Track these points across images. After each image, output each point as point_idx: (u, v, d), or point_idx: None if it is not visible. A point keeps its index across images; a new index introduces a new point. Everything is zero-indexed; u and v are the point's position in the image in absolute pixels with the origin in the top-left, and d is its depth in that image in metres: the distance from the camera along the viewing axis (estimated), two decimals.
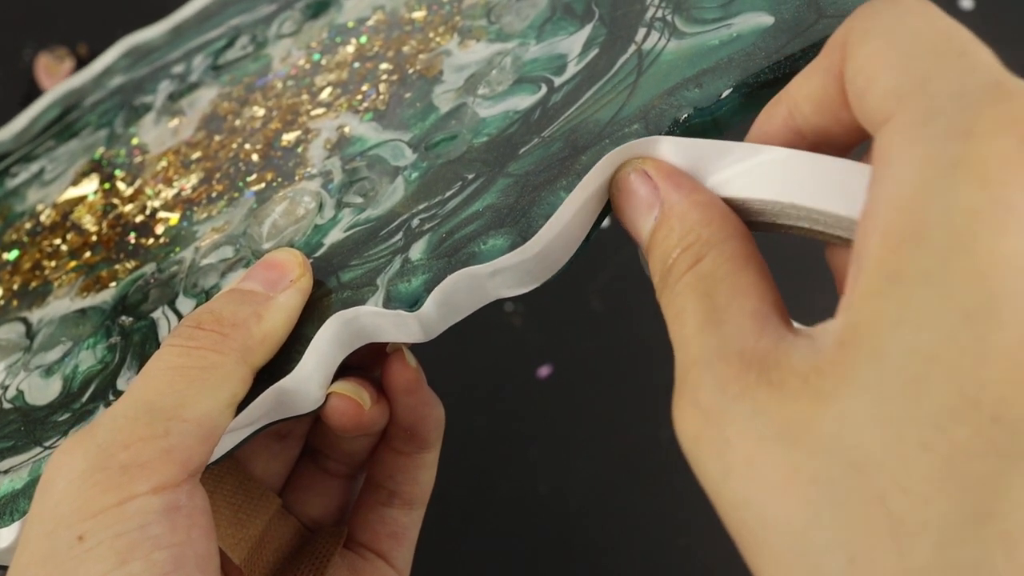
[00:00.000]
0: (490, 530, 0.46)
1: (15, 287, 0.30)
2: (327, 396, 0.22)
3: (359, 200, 0.25)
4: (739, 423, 0.15)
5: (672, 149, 0.20)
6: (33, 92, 0.48)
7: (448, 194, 0.23)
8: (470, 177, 0.23)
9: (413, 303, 0.21)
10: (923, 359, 0.13)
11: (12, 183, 0.34)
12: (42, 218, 0.32)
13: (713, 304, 0.17)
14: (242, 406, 0.21)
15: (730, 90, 0.21)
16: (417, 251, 0.22)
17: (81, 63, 0.48)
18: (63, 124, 0.36)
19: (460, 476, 0.46)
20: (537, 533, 0.46)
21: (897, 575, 0.13)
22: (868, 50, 0.16)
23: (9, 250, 0.32)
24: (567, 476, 0.47)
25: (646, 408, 0.48)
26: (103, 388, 0.24)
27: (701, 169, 0.20)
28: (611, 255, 0.50)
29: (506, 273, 0.21)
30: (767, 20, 0.22)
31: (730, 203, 0.19)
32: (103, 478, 0.18)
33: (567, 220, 0.21)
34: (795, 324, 0.17)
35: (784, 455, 0.14)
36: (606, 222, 0.22)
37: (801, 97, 0.19)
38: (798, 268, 0.34)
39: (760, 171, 0.19)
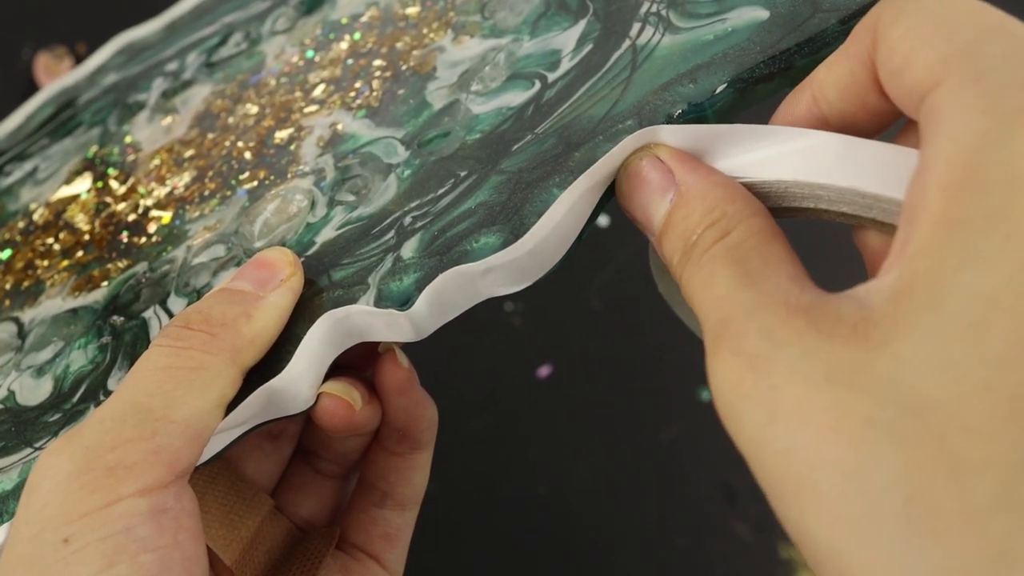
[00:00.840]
0: (490, 530, 0.46)
1: (7, 286, 0.30)
2: (318, 396, 0.22)
3: (351, 198, 0.25)
4: (787, 367, 0.15)
5: (678, 136, 0.20)
6: (32, 91, 0.48)
7: (440, 191, 0.23)
8: (463, 174, 0.23)
9: (404, 302, 0.21)
10: (985, 301, 0.13)
11: (6, 182, 0.34)
12: (35, 217, 0.32)
13: (746, 269, 0.17)
14: (232, 407, 0.20)
15: (724, 85, 0.21)
16: (409, 249, 0.22)
17: (80, 62, 0.48)
18: (57, 122, 0.35)
19: (460, 476, 0.46)
20: (537, 533, 0.46)
21: (958, 513, 0.13)
22: (903, 30, 0.16)
23: (2, 249, 0.31)
24: (567, 476, 0.47)
25: (646, 408, 0.48)
26: (94, 388, 0.24)
27: (715, 153, 0.20)
28: (611, 255, 0.50)
29: (498, 271, 0.21)
30: (762, 14, 0.21)
31: (752, 188, 0.19)
32: (89, 480, 0.18)
33: (560, 218, 0.20)
34: None
35: (835, 398, 0.14)
36: (606, 221, 0.22)
37: (827, 84, 0.19)
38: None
39: (796, 153, 0.18)
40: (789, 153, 0.19)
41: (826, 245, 0.47)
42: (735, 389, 0.15)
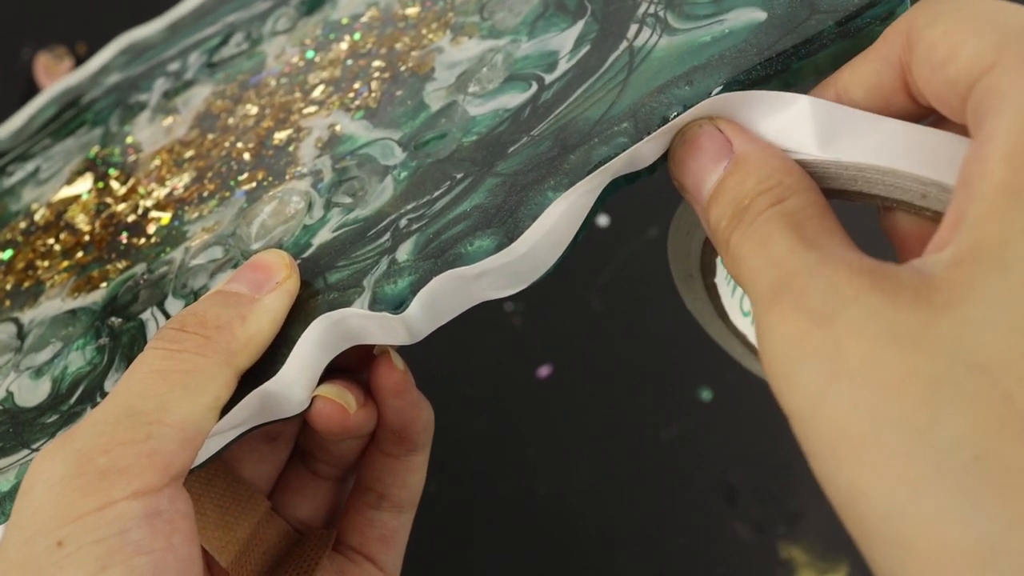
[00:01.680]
0: (490, 530, 0.45)
1: (8, 287, 0.30)
2: (312, 399, 0.22)
3: (348, 200, 0.24)
4: (853, 324, 0.15)
5: (739, 101, 0.20)
6: (32, 91, 0.48)
7: (436, 194, 0.23)
8: (459, 177, 0.23)
9: (398, 305, 0.21)
10: None
11: (8, 182, 0.34)
12: (36, 217, 0.32)
13: (802, 234, 0.16)
14: (226, 409, 0.20)
15: (720, 87, 0.20)
16: (404, 252, 0.22)
17: (80, 62, 0.48)
18: (60, 122, 0.35)
19: (460, 476, 0.46)
20: (537, 533, 0.46)
21: None
22: (943, 28, 0.16)
23: (3, 250, 0.31)
24: (567, 476, 0.47)
25: (646, 408, 0.48)
26: (91, 390, 0.24)
27: (766, 122, 0.20)
28: (611, 255, 0.49)
29: (492, 275, 0.21)
30: (760, 16, 0.21)
31: (805, 165, 0.19)
32: (82, 483, 0.18)
33: (554, 221, 0.20)
34: None
35: (902, 357, 0.14)
36: (606, 221, 0.22)
37: (852, 83, 0.19)
38: None
39: (849, 134, 0.19)
40: (840, 131, 0.19)
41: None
42: (797, 344, 0.15)
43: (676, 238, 0.24)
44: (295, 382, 0.21)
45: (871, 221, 0.20)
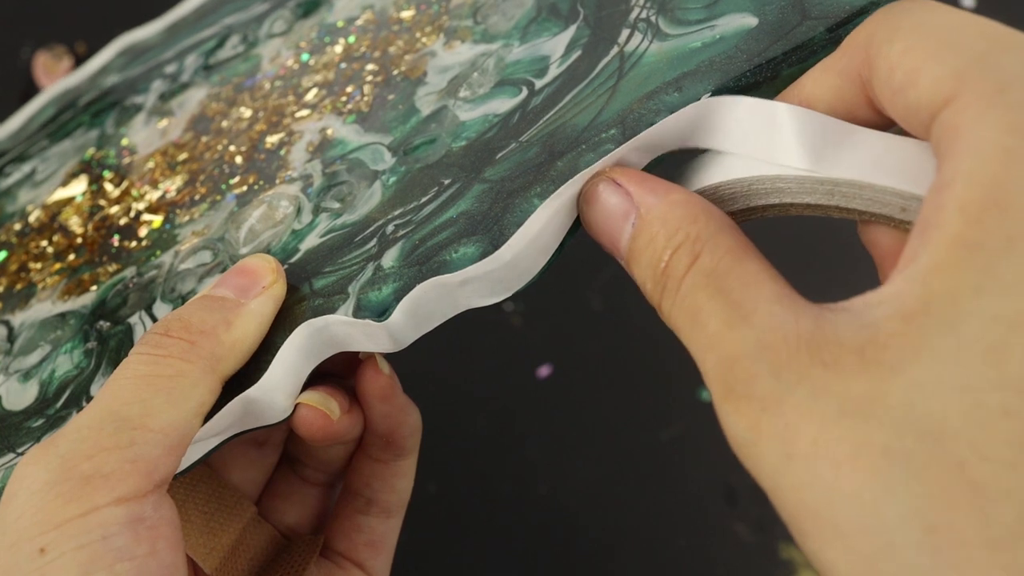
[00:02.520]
0: (490, 530, 0.45)
1: (0, 289, 0.29)
2: (295, 406, 0.22)
3: (336, 205, 0.24)
4: (800, 407, 0.14)
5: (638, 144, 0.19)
6: (31, 91, 0.48)
7: (424, 200, 0.22)
8: (447, 182, 0.22)
9: (382, 312, 0.21)
10: (1006, 325, 0.13)
11: (5, 183, 0.34)
12: (31, 219, 0.32)
13: (730, 299, 0.16)
14: (209, 415, 0.20)
15: (709, 94, 0.20)
16: (390, 258, 0.21)
17: (79, 61, 0.48)
18: (57, 124, 0.35)
19: (460, 476, 0.46)
20: (537, 533, 0.46)
21: (980, 543, 0.12)
22: (902, 46, 0.16)
23: None
24: (567, 476, 0.46)
25: (646, 408, 0.47)
26: (77, 394, 0.24)
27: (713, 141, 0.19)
28: (611, 255, 0.49)
29: (476, 283, 0.20)
30: (751, 21, 0.21)
31: (716, 191, 0.18)
32: (65, 489, 0.18)
33: (539, 228, 0.20)
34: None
35: (851, 430, 0.14)
36: None
37: (815, 96, 0.18)
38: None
39: (827, 146, 0.18)
40: (746, 146, 0.18)
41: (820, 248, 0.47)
42: (751, 430, 0.15)
43: None
44: (278, 388, 0.21)
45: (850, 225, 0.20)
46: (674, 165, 0.21)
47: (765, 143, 0.19)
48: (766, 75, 0.20)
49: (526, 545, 0.45)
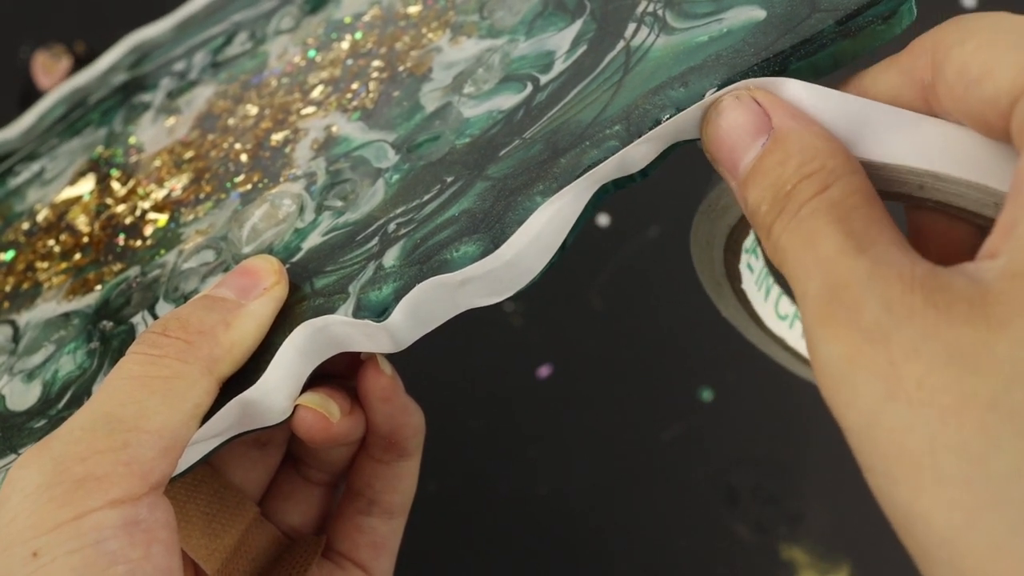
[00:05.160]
0: (490, 530, 0.45)
1: (7, 288, 0.29)
2: (295, 408, 0.21)
3: (339, 203, 0.24)
4: (908, 345, 0.14)
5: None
6: (30, 90, 0.47)
7: (426, 197, 0.22)
8: (449, 180, 0.22)
9: (381, 312, 0.20)
10: None
11: (14, 182, 0.33)
12: (39, 218, 0.31)
13: (851, 229, 0.15)
14: (207, 417, 0.19)
15: (715, 89, 0.19)
16: (391, 257, 0.21)
17: (78, 61, 0.47)
18: (67, 122, 0.35)
19: (460, 476, 0.45)
20: (537, 533, 0.45)
21: None
22: (974, 45, 0.16)
23: (5, 251, 0.31)
24: (567, 476, 0.46)
25: (646, 408, 0.47)
26: (79, 394, 0.23)
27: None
28: (611, 255, 0.49)
29: (477, 282, 0.20)
30: (759, 14, 0.20)
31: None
32: (58, 492, 0.17)
33: (540, 227, 0.19)
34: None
35: (958, 379, 0.13)
36: (606, 221, 0.21)
37: (872, 93, 0.18)
38: None
39: (885, 132, 0.17)
40: (884, 129, 0.17)
41: None
42: (851, 362, 0.14)
43: (697, 249, 0.23)
44: (277, 390, 0.20)
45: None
46: (685, 155, 0.21)
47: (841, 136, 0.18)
48: (774, 69, 0.19)
49: (526, 545, 0.44)
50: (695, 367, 0.47)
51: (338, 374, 0.24)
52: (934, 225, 0.18)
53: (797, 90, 0.18)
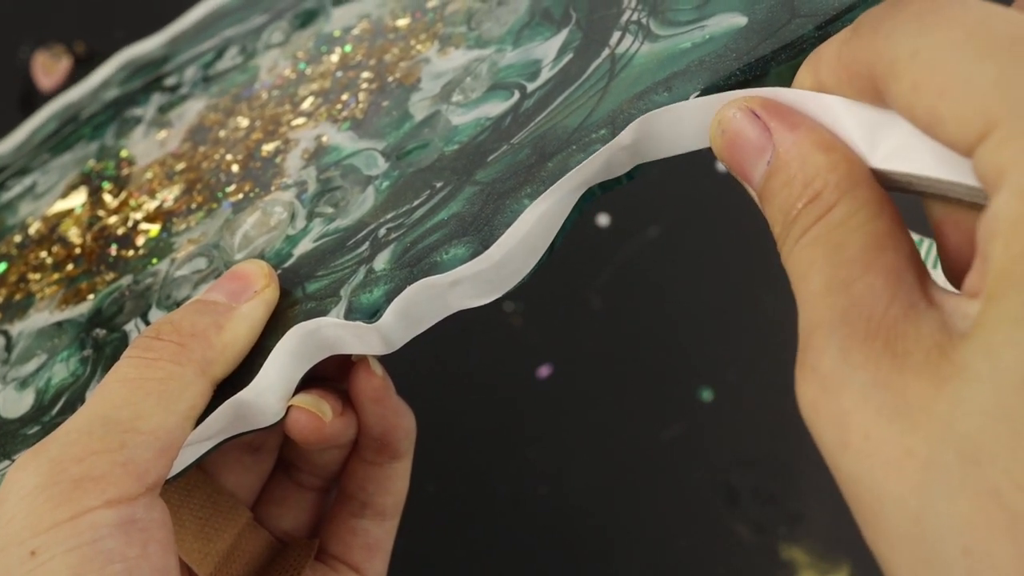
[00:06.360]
0: (489, 530, 0.45)
1: (0, 300, 0.29)
2: (288, 409, 0.21)
3: (330, 210, 0.24)
4: (858, 394, 0.14)
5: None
6: (30, 90, 0.48)
7: (416, 203, 0.22)
8: (438, 186, 0.22)
9: (373, 314, 0.20)
10: None
11: (6, 196, 0.34)
12: (30, 231, 0.31)
13: (844, 258, 0.15)
14: (201, 419, 0.20)
15: (698, 93, 0.20)
16: (382, 261, 0.21)
17: (78, 61, 0.47)
18: (59, 137, 0.35)
19: (459, 476, 0.45)
20: (537, 533, 0.45)
21: (1016, 571, 0.12)
22: (907, 84, 0.15)
23: None
24: (567, 476, 0.46)
25: (646, 408, 0.47)
26: (72, 401, 0.23)
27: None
28: (611, 255, 0.49)
29: (466, 283, 0.20)
30: (741, 21, 0.20)
31: None
32: (56, 492, 0.17)
33: (528, 228, 0.20)
34: (935, 281, 0.16)
35: (900, 434, 0.14)
36: (606, 221, 0.21)
37: (828, 88, 0.17)
38: None
39: (873, 135, 0.17)
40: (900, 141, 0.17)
41: None
42: (812, 407, 0.15)
43: None
44: (269, 391, 0.20)
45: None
46: (684, 155, 0.21)
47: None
48: (755, 73, 0.20)
49: (526, 545, 0.45)
50: (695, 367, 0.47)
51: (330, 377, 0.24)
52: (950, 214, 0.17)
53: (784, 93, 0.18)
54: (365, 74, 0.28)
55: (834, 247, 0.16)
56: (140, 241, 0.28)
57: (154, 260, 0.26)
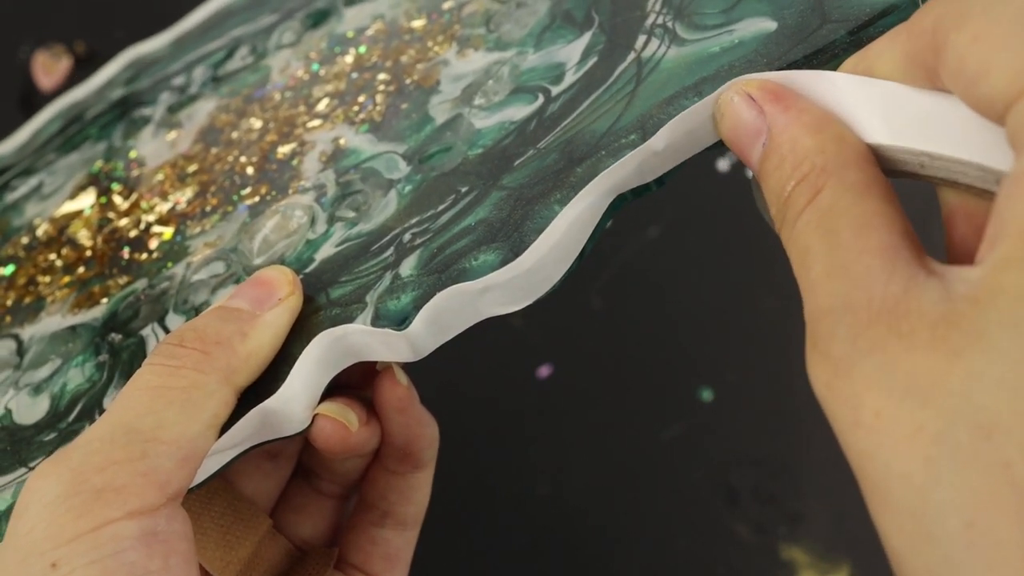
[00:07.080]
0: (490, 531, 0.45)
1: (9, 303, 0.29)
2: (313, 417, 0.21)
3: (351, 214, 0.23)
4: (868, 376, 0.14)
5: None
6: (30, 90, 0.47)
7: (441, 208, 0.22)
8: (463, 190, 0.22)
9: (401, 321, 0.20)
10: None
11: (11, 197, 0.33)
12: (38, 233, 0.31)
13: (838, 241, 0.15)
14: (226, 427, 0.19)
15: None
16: (408, 267, 0.21)
17: (79, 61, 0.46)
18: (64, 136, 0.35)
19: (460, 476, 0.45)
20: (537, 533, 0.45)
21: (1017, 546, 0.12)
22: (971, 33, 0.15)
23: (5, 265, 0.30)
24: (567, 476, 0.46)
25: (646, 408, 0.47)
26: (89, 407, 0.23)
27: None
28: (611, 255, 0.49)
29: (497, 290, 0.20)
30: (770, 25, 0.20)
31: None
32: (77, 503, 0.17)
33: (560, 235, 0.19)
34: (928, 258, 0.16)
35: (910, 411, 0.14)
36: (607, 222, 0.21)
37: (878, 75, 0.18)
38: None
39: (889, 112, 0.17)
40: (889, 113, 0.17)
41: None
42: (826, 389, 0.15)
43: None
44: (295, 399, 0.20)
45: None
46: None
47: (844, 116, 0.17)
48: None
49: (526, 545, 0.44)
50: (695, 367, 0.47)
51: (352, 385, 0.24)
52: (963, 204, 0.18)
53: (793, 75, 0.18)
54: (381, 76, 0.27)
55: (827, 232, 0.16)
56: (153, 244, 0.27)
57: (169, 264, 0.26)
